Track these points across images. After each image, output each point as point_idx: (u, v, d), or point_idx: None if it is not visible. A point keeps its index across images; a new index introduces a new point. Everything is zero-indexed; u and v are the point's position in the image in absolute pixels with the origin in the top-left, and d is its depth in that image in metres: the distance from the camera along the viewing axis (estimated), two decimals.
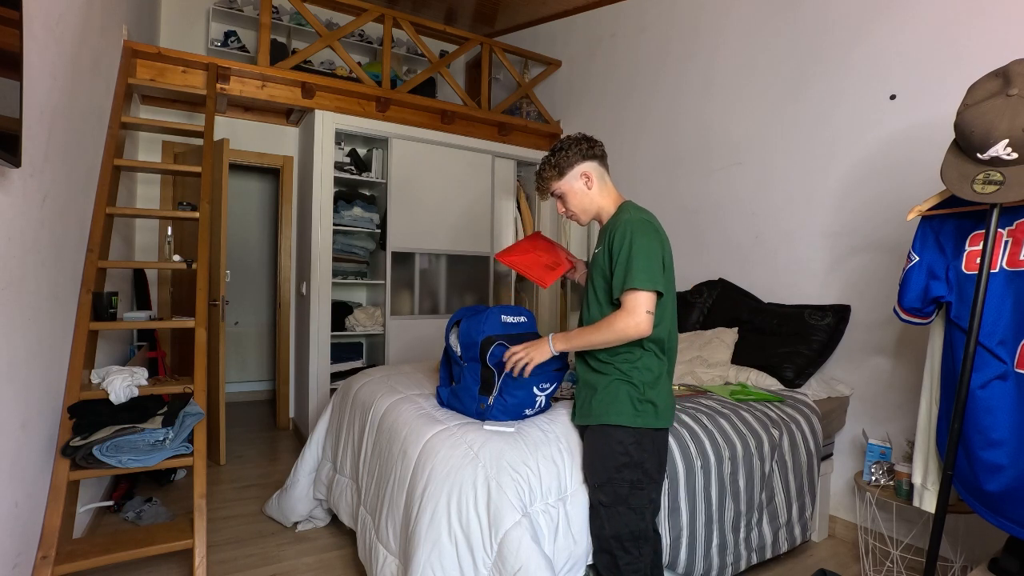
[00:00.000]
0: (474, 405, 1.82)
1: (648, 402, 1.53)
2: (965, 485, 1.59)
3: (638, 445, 1.53)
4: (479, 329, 1.79)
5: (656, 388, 1.55)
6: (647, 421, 1.53)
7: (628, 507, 1.53)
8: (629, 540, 1.53)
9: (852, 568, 2.30)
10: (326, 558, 2.28)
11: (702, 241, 3.29)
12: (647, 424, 1.53)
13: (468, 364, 1.83)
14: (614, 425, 1.54)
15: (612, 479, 1.54)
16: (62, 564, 1.77)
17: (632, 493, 1.53)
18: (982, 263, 1.50)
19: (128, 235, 3.30)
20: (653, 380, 1.55)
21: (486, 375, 1.78)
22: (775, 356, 2.55)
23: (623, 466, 1.53)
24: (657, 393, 1.55)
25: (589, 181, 1.66)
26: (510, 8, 4.65)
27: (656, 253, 1.49)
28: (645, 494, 1.55)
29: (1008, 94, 1.35)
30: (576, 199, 1.67)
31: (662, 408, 1.55)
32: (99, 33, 2.32)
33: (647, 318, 1.44)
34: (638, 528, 1.53)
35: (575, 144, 1.65)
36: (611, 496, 1.55)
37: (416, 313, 4.01)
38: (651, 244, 1.49)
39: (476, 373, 1.81)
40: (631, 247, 1.48)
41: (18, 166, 1.37)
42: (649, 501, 1.56)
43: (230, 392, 4.89)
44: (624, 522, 1.53)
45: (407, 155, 3.90)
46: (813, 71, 2.75)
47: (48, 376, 1.85)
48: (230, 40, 4.17)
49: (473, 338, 1.79)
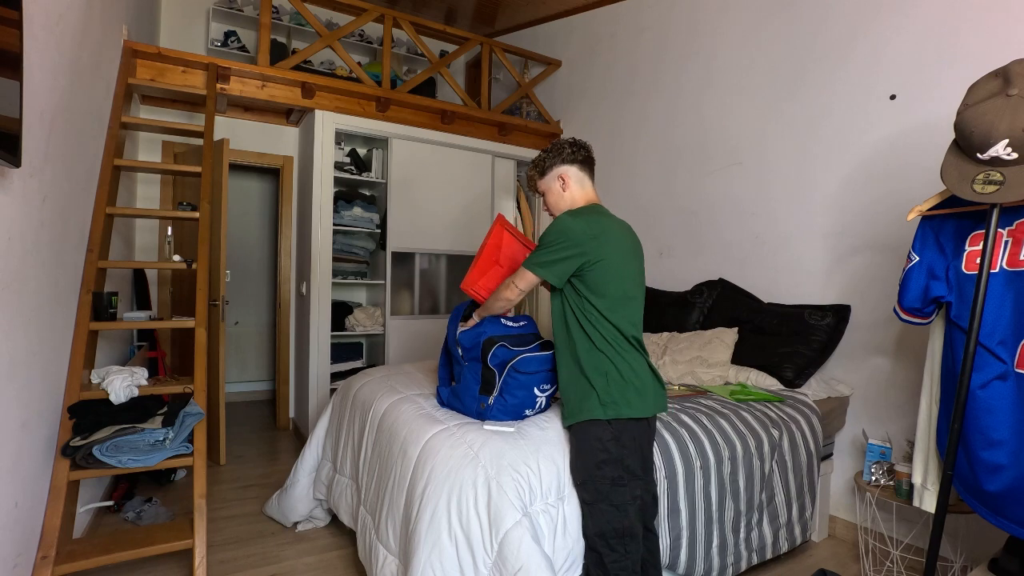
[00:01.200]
0: (475, 405, 1.82)
1: (616, 393, 1.55)
2: (965, 485, 1.59)
3: (616, 441, 1.55)
4: (481, 330, 1.82)
5: (625, 380, 1.56)
6: (619, 412, 1.54)
7: (610, 504, 1.54)
8: (613, 537, 1.53)
9: (852, 568, 2.30)
10: (326, 558, 2.28)
11: (702, 241, 3.29)
12: (619, 415, 1.54)
13: (469, 364, 1.84)
14: (589, 421, 1.56)
15: (593, 476, 1.56)
16: (62, 564, 1.77)
17: (613, 490, 1.54)
18: (982, 263, 1.50)
19: (128, 235, 3.30)
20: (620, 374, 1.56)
21: (487, 375, 1.79)
22: (775, 356, 2.55)
23: (602, 463, 1.55)
24: (626, 385, 1.56)
25: (565, 184, 1.76)
26: (510, 8, 4.65)
27: (563, 247, 1.58)
28: (627, 491, 1.55)
29: (1008, 94, 1.35)
30: (551, 197, 1.80)
31: (635, 399, 1.56)
32: (99, 33, 2.32)
33: (513, 288, 1.69)
34: (622, 525, 1.53)
35: (560, 149, 1.77)
36: (593, 494, 1.56)
37: (416, 313, 4.01)
38: (557, 240, 1.59)
39: (477, 373, 1.82)
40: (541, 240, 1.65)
41: (18, 166, 1.37)
42: (632, 498, 1.56)
43: (230, 392, 4.89)
44: (607, 519, 1.54)
45: (407, 155, 3.90)
46: (813, 71, 2.75)
47: (48, 376, 1.85)
48: (230, 40, 4.17)
49: (475, 339, 1.82)
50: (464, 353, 1.85)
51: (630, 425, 1.56)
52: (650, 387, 1.61)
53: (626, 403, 1.55)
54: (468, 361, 1.84)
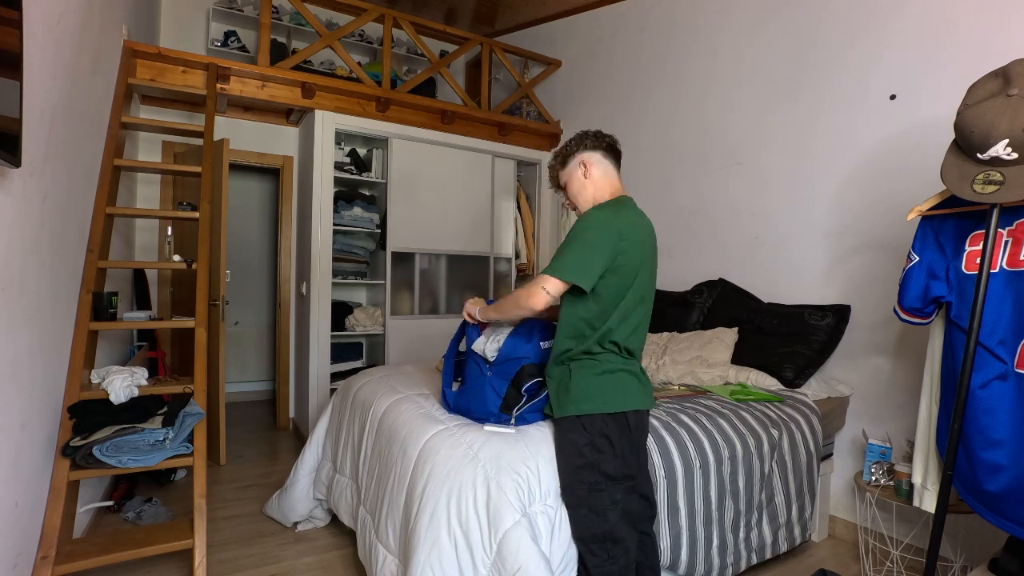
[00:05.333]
0: (491, 419, 1.76)
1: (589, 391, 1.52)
2: (965, 485, 1.59)
3: (591, 446, 1.52)
4: (523, 349, 1.73)
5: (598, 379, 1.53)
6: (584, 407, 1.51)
7: (589, 509, 1.53)
8: (594, 542, 1.53)
9: (852, 568, 2.30)
10: (326, 558, 2.28)
11: (702, 241, 3.29)
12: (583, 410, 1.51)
13: (492, 377, 1.75)
14: (563, 419, 1.55)
15: (571, 481, 1.55)
16: (62, 564, 1.77)
17: (591, 495, 1.53)
18: (982, 263, 1.50)
19: (128, 235, 3.30)
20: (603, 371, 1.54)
21: (512, 397, 1.72)
22: (775, 356, 2.54)
23: (580, 467, 1.53)
24: (600, 383, 1.53)
25: (587, 171, 1.67)
26: (510, 8, 4.65)
27: (597, 248, 1.48)
28: (605, 495, 1.53)
29: (1008, 94, 1.35)
30: (573, 187, 1.71)
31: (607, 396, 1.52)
32: (99, 33, 2.32)
33: (542, 293, 1.51)
34: (601, 530, 1.52)
35: (583, 136, 1.70)
36: (573, 498, 1.55)
37: (416, 313, 4.01)
38: (592, 239, 1.49)
39: (501, 390, 1.73)
40: (572, 237, 1.52)
41: (18, 166, 1.37)
42: (612, 503, 1.53)
43: (230, 392, 4.89)
44: (586, 524, 1.53)
45: (407, 155, 3.90)
46: (813, 71, 2.75)
47: (48, 376, 1.85)
48: (230, 40, 4.17)
49: (514, 355, 1.73)
50: (490, 366, 1.76)
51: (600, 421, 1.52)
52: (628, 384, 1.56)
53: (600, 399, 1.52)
54: (492, 374, 1.75)
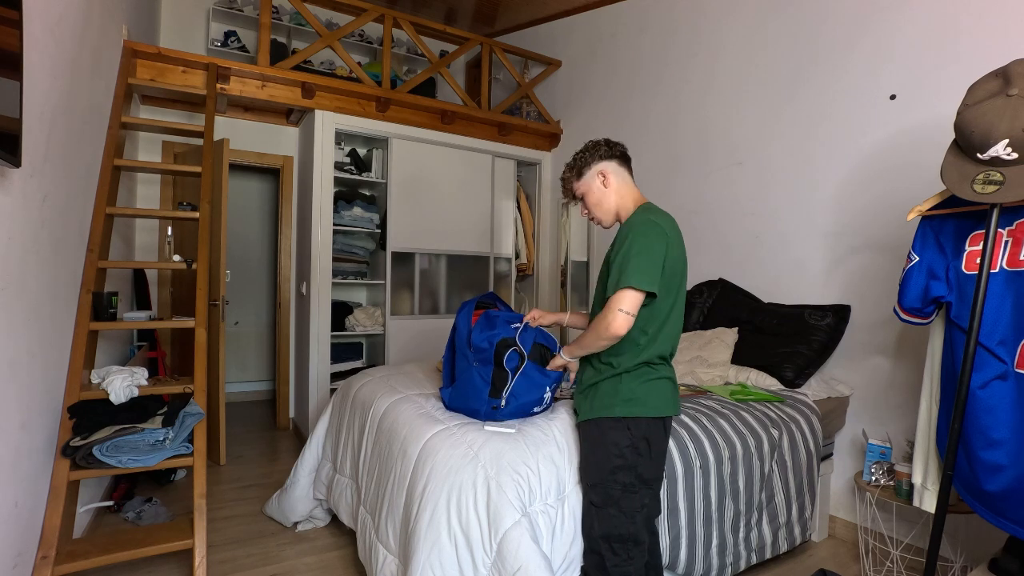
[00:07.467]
0: (484, 407, 1.79)
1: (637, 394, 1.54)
2: (965, 485, 1.59)
3: (632, 447, 1.53)
4: (493, 334, 1.79)
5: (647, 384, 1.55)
6: (634, 410, 1.53)
7: (619, 510, 1.53)
8: (618, 542, 1.53)
9: (852, 568, 2.30)
10: (326, 558, 2.28)
11: (702, 241, 3.29)
12: (633, 412, 1.53)
13: (478, 366, 1.80)
14: (606, 419, 1.55)
15: (605, 480, 1.55)
16: (62, 564, 1.77)
17: (624, 496, 1.53)
18: (982, 263, 1.50)
19: (128, 235, 3.30)
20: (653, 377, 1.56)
21: (498, 378, 1.76)
22: (775, 356, 2.54)
23: (617, 468, 1.53)
24: (648, 388, 1.55)
25: (606, 180, 1.67)
26: (510, 8, 4.65)
27: (655, 252, 1.49)
28: (637, 498, 1.54)
29: (1008, 94, 1.34)
30: (593, 197, 1.69)
31: (654, 401, 1.55)
32: (99, 33, 2.32)
33: (621, 316, 1.45)
34: (627, 531, 1.53)
35: (596, 146, 1.69)
36: (603, 497, 1.55)
37: (416, 313, 4.01)
38: (651, 245, 1.49)
39: (487, 375, 1.78)
40: (630, 247, 1.49)
41: (18, 166, 1.37)
42: (641, 506, 1.55)
43: (230, 392, 4.89)
44: (614, 524, 1.53)
45: (407, 155, 3.90)
46: (813, 71, 2.75)
47: (48, 376, 1.85)
48: (230, 40, 4.17)
49: (487, 342, 1.78)
50: (475, 355, 1.81)
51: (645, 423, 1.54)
52: (671, 390, 1.60)
53: (643, 403, 1.54)
54: (477, 363, 1.80)
